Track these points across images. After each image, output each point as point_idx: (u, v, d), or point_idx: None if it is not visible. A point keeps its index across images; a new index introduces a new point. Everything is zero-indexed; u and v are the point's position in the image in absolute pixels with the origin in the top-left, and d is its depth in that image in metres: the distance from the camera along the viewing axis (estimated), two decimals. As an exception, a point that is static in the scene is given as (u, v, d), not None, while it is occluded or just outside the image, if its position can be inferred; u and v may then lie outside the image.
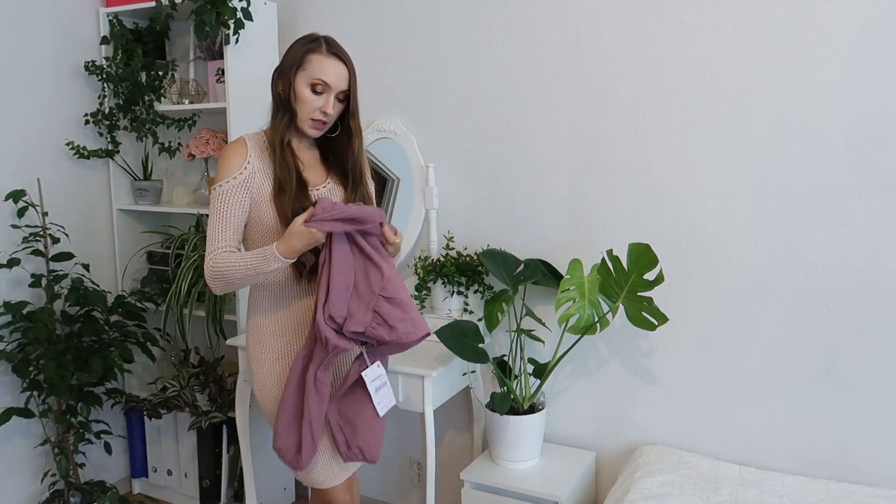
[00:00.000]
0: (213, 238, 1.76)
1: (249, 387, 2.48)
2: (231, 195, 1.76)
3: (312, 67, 1.77)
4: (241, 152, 1.80)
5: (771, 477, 2.08)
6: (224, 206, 1.76)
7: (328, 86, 1.77)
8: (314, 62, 1.77)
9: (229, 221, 1.76)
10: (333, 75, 1.77)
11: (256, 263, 1.70)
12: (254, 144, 1.83)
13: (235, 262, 1.72)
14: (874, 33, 1.95)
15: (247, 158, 1.79)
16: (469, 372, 2.43)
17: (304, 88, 1.77)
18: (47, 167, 2.70)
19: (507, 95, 2.44)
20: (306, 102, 1.78)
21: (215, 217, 1.77)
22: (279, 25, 2.79)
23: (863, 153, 1.99)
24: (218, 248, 1.75)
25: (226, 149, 1.83)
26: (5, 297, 2.55)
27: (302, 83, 1.77)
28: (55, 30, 2.70)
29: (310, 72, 1.77)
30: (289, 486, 2.92)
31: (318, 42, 1.79)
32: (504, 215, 2.49)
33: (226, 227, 1.76)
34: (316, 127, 1.82)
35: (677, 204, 2.24)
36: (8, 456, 2.63)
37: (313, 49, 1.78)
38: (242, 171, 1.78)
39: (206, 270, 1.76)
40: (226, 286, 1.76)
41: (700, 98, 2.17)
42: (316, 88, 1.77)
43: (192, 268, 2.69)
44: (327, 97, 1.78)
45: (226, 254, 1.74)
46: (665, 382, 2.32)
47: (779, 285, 2.13)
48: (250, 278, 1.73)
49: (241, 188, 1.77)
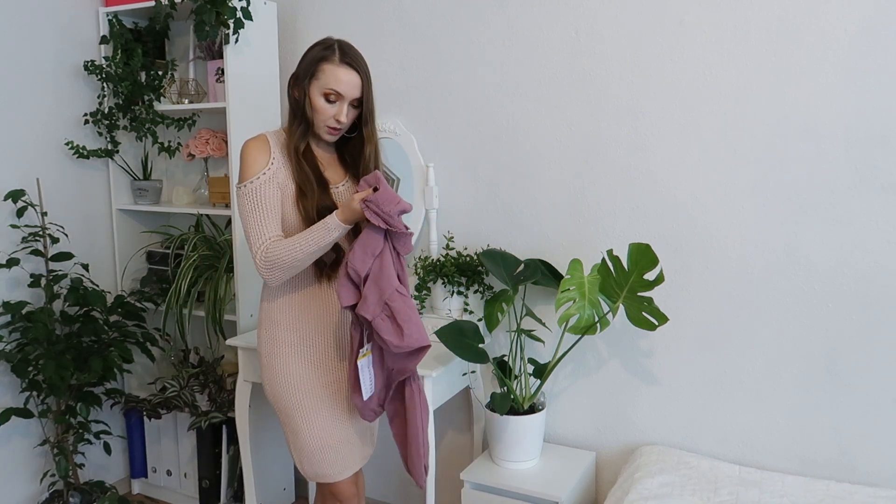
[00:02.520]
0: (258, 233, 1.76)
1: (249, 387, 2.48)
2: (264, 189, 1.77)
3: (325, 77, 1.78)
4: (266, 149, 1.82)
5: (771, 477, 2.08)
6: (260, 199, 1.77)
7: (341, 95, 1.78)
8: (327, 72, 1.78)
9: (269, 213, 1.77)
10: (346, 84, 1.78)
11: (318, 237, 1.72)
12: (276, 142, 1.85)
13: (293, 245, 1.72)
14: (874, 33, 1.95)
15: (271, 154, 1.81)
16: (469, 372, 2.43)
17: (318, 98, 1.79)
18: (47, 167, 2.69)
19: (507, 95, 2.44)
20: (320, 111, 1.80)
21: (254, 212, 1.77)
22: (279, 25, 2.79)
23: (863, 153, 2.00)
24: (266, 240, 1.75)
25: (248, 146, 1.83)
26: (5, 297, 2.54)
27: (316, 92, 1.79)
28: (55, 30, 2.69)
29: (323, 81, 1.78)
30: (289, 487, 2.92)
31: (332, 50, 1.79)
32: (504, 215, 2.49)
33: (267, 219, 1.77)
34: (332, 133, 1.84)
35: (677, 204, 2.24)
36: (7, 456, 2.63)
37: (326, 58, 1.78)
38: (269, 166, 1.79)
39: (258, 265, 1.75)
40: (284, 272, 1.76)
41: (700, 98, 2.17)
42: (329, 98, 1.79)
43: (191, 268, 2.69)
44: (340, 105, 1.80)
45: (277, 241, 1.75)
46: (665, 382, 2.32)
47: (779, 285, 2.13)
48: (311, 255, 1.74)
49: (271, 182, 1.79)
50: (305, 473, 1.93)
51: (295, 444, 1.91)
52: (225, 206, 2.77)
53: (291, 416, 1.89)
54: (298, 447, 1.90)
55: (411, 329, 1.72)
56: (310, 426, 1.87)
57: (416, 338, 1.73)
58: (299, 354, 1.88)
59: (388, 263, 1.75)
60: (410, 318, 1.73)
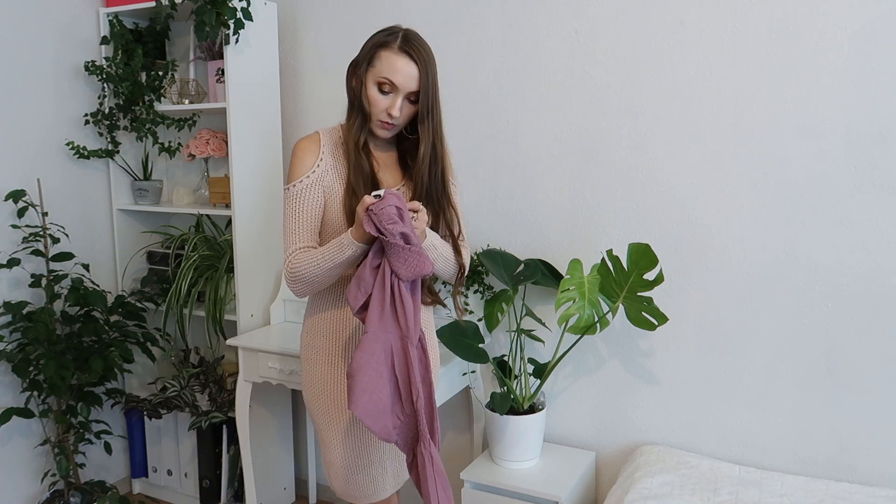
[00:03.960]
0: (289, 241, 1.69)
1: (249, 386, 2.49)
2: (304, 194, 1.69)
3: (381, 65, 1.63)
4: (314, 150, 1.72)
5: (771, 477, 2.08)
6: (298, 205, 1.68)
7: (395, 86, 1.63)
8: (383, 59, 1.63)
9: (304, 221, 1.69)
10: (401, 75, 1.62)
11: (332, 254, 1.60)
12: (328, 140, 1.74)
13: (312, 259, 1.63)
14: (874, 33, 1.95)
15: (319, 156, 1.71)
16: (469, 372, 2.43)
17: (372, 87, 1.65)
18: (47, 167, 2.70)
19: (507, 95, 2.44)
20: (373, 102, 1.66)
21: (289, 218, 1.69)
22: (279, 25, 2.79)
23: (863, 153, 1.99)
24: (294, 249, 1.67)
25: (297, 147, 1.73)
26: (5, 297, 2.55)
27: (371, 81, 1.65)
28: (55, 30, 2.70)
29: (378, 69, 1.64)
30: (289, 487, 2.92)
31: (394, 36, 1.65)
32: (504, 215, 2.49)
33: (300, 227, 1.68)
34: (385, 128, 1.69)
35: (677, 204, 2.24)
36: (8, 456, 2.63)
37: (386, 44, 1.64)
38: (315, 168, 1.70)
39: (285, 275, 1.68)
40: (306, 286, 1.67)
41: (700, 98, 2.17)
42: (383, 88, 1.64)
43: (191, 268, 2.69)
44: (394, 98, 1.65)
45: (302, 252, 1.66)
46: (665, 382, 2.32)
47: (779, 285, 2.13)
48: (330, 272, 1.63)
49: (315, 186, 1.69)
50: (336, 490, 1.83)
51: (325, 457, 1.81)
52: (225, 206, 2.77)
53: (321, 428, 1.80)
54: (328, 462, 1.80)
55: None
56: (339, 441, 1.76)
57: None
58: (333, 365, 1.76)
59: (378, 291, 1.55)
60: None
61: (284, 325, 2.70)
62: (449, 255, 1.75)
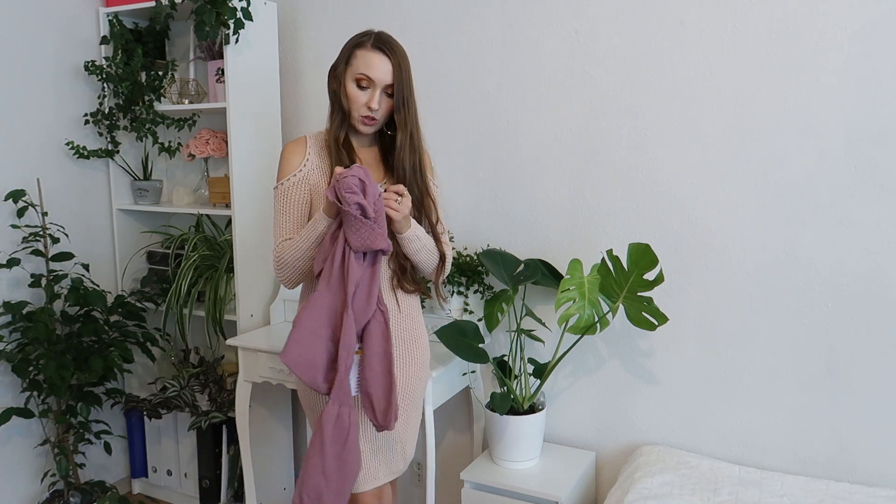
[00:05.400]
0: (276, 234, 1.81)
1: (249, 386, 2.48)
2: (291, 192, 1.81)
3: (358, 62, 1.76)
4: (301, 151, 1.84)
5: (771, 477, 2.08)
6: (286, 202, 1.81)
7: (372, 80, 1.75)
8: (360, 57, 1.76)
9: (290, 216, 1.80)
10: (377, 70, 1.74)
11: (308, 233, 1.72)
12: (314, 143, 1.85)
13: (292, 243, 1.75)
14: (874, 33, 1.95)
15: (305, 156, 1.82)
16: (469, 372, 2.43)
17: (351, 84, 1.77)
18: (47, 167, 2.70)
19: (507, 95, 2.44)
20: (353, 98, 1.77)
21: (277, 214, 1.81)
22: (279, 25, 2.79)
23: (863, 153, 1.99)
24: (280, 241, 1.79)
25: (285, 148, 1.86)
26: (5, 297, 2.55)
27: (349, 79, 1.77)
28: (55, 30, 2.70)
29: (355, 66, 1.76)
30: (289, 486, 2.92)
31: (368, 36, 1.77)
32: (504, 215, 2.49)
33: (287, 222, 1.80)
34: (367, 123, 1.80)
35: (677, 204, 2.24)
36: (8, 456, 2.63)
37: (360, 44, 1.77)
38: (301, 168, 1.81)
39: (273, 265, 1.79)
40: (291, 272, 1.77)
41: (700, 98, 2.17)
42: (361, 83, 1.76)
43: (191, 268, 2.69)
44: (372, 92, 1.76)
45: (285, 242, 1.78)
46: (665, 382, 2.32)
47: (779, 285, 2.13)
48: (308, 252, 1.73)
49: (301, 184, 1.81)
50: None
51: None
52: (225, 206, 2.77)
53: (309, 415, 1.88)
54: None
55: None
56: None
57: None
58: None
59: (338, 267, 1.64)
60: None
61: (284, 325, 2.70)
62: (433, 247, 1.86)
